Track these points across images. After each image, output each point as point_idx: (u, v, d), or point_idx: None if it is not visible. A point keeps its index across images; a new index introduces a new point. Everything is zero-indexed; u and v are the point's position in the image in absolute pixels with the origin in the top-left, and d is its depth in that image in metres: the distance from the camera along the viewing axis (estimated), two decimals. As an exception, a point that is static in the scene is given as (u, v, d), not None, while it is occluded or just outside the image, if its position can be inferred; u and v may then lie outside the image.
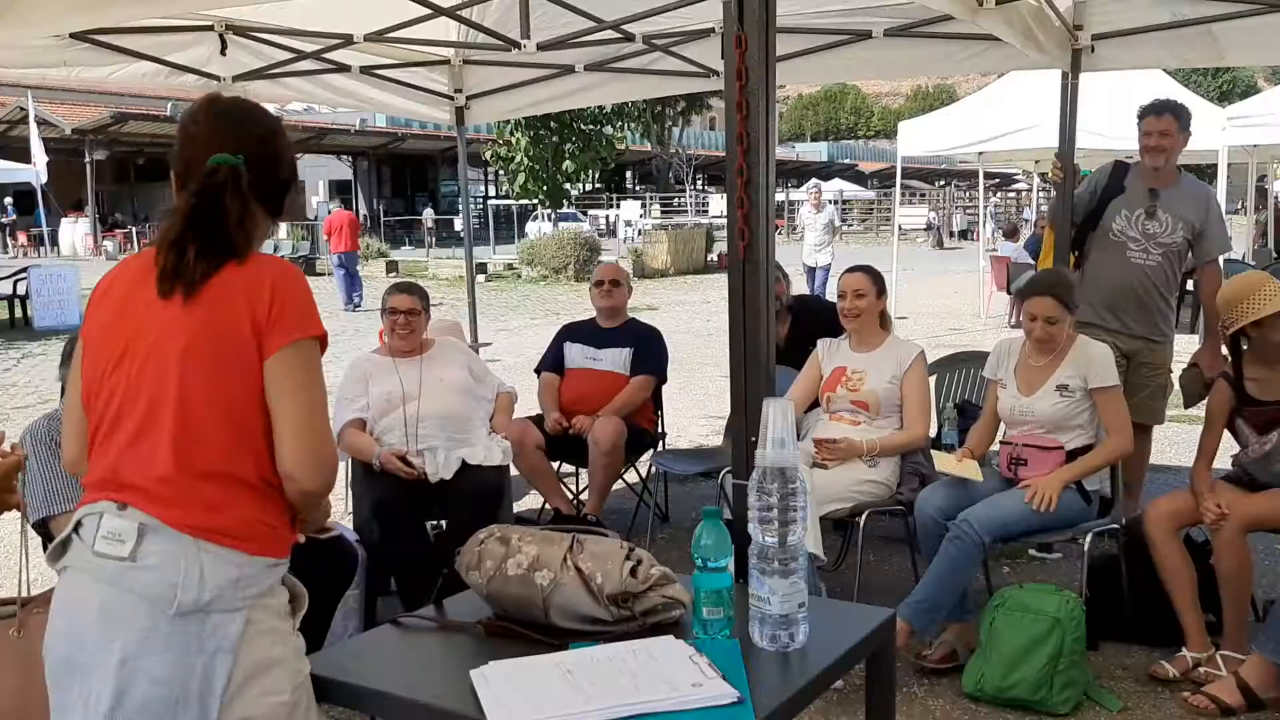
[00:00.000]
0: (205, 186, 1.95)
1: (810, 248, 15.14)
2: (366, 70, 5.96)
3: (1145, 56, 5.13)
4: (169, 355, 1.89)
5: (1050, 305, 3.98)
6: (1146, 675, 3.84)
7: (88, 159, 32.36)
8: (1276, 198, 18.63)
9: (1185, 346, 5.51)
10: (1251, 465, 3.88)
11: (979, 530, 3.75)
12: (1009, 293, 14.00)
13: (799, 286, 12.15)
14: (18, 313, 16.29)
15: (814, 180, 14.59)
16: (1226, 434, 4.00)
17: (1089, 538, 3.95)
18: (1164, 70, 12.07)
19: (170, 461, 1.87)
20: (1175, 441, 6.92)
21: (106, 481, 1.91)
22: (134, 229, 33.81)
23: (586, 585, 2.14)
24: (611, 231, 35.17)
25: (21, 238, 32.41)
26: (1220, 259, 5.12)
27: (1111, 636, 4.06)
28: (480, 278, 22.39)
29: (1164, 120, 4.84)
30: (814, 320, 5.24)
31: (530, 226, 33.06)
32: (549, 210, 30.15)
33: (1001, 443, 4.19)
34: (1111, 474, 4.10)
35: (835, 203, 46.18)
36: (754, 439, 2.16)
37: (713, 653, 2.00)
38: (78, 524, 1.92)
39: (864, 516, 4.18)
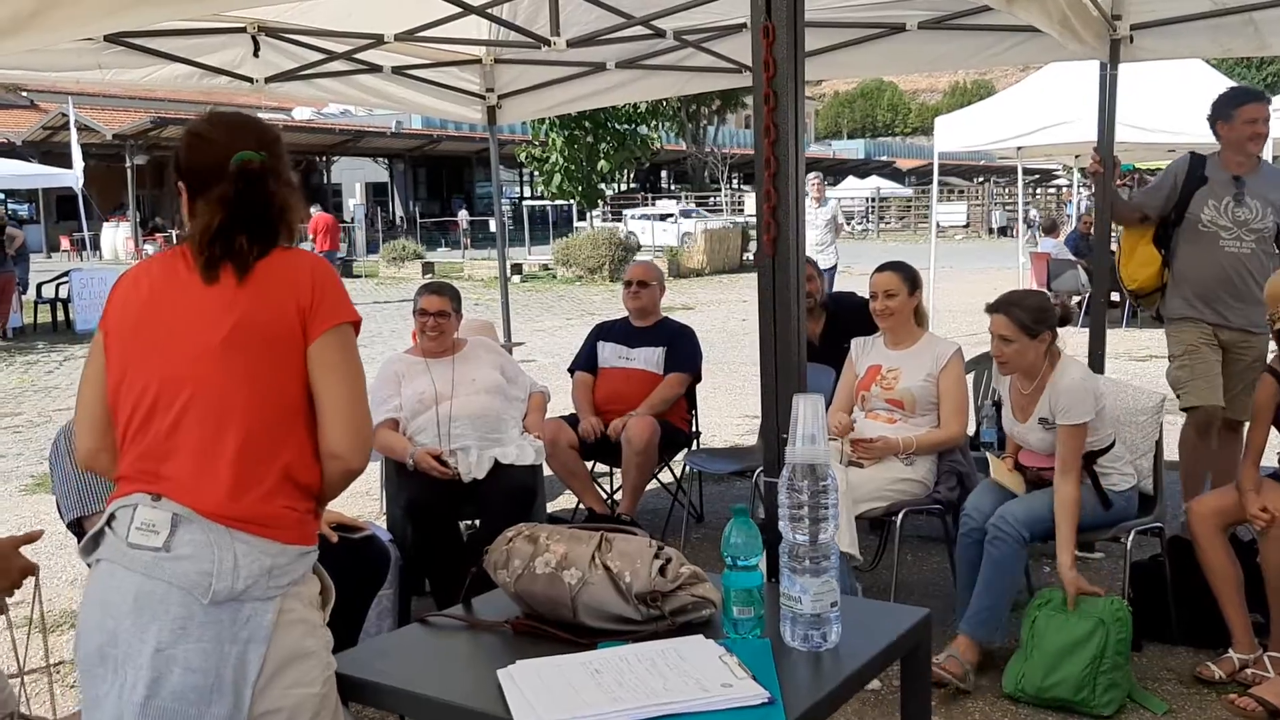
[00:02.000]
0: (243, 175, 1.98)
1: (810, 248, 12.79)
2: (398, 70, 5.97)
3: (1185, 46, 5.03)
4: (210, 344, 1.91)
5: (1001, 323, 3.82)
6: (1191, 677, 3.76)
7: (128, 164, 32.72)
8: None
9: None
10: None
11: (1015, 526, 3.68)
12: (1049, 289, 13.86)
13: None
14: (60, 316, 16.50)
15: (814, 173, 13.01)
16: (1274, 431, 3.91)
17: (1131, 536, 3.88)
18: (1207, 62, 11.93)
19: (204, 451, 1.89)
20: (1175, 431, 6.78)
21: (140, 473, 1.92)
22: (174, 232, 34.10)
23: (615, 584, 2.11)
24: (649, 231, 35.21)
25: (64, 242, 32.83)
26: None
27: (1155, 637, 3.98)
28: (515, 278, 22.45)
29: (1264, 107, 4.80)
30: (850, 317, 5.18)
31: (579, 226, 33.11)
32: (597, 211, 30.20)
33: (1019, 465, 4.06)
34: (1155, 471, 4.02)
35: (872, 200, 46.16)
36: (785, 435, 2.13)
37: (743, 652, 1.97)
38: (111, 517, 1.93)
39: (901, 516, 4.12)
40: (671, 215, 34.44)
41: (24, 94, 39.45)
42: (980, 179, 53.09)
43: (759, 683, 1.85)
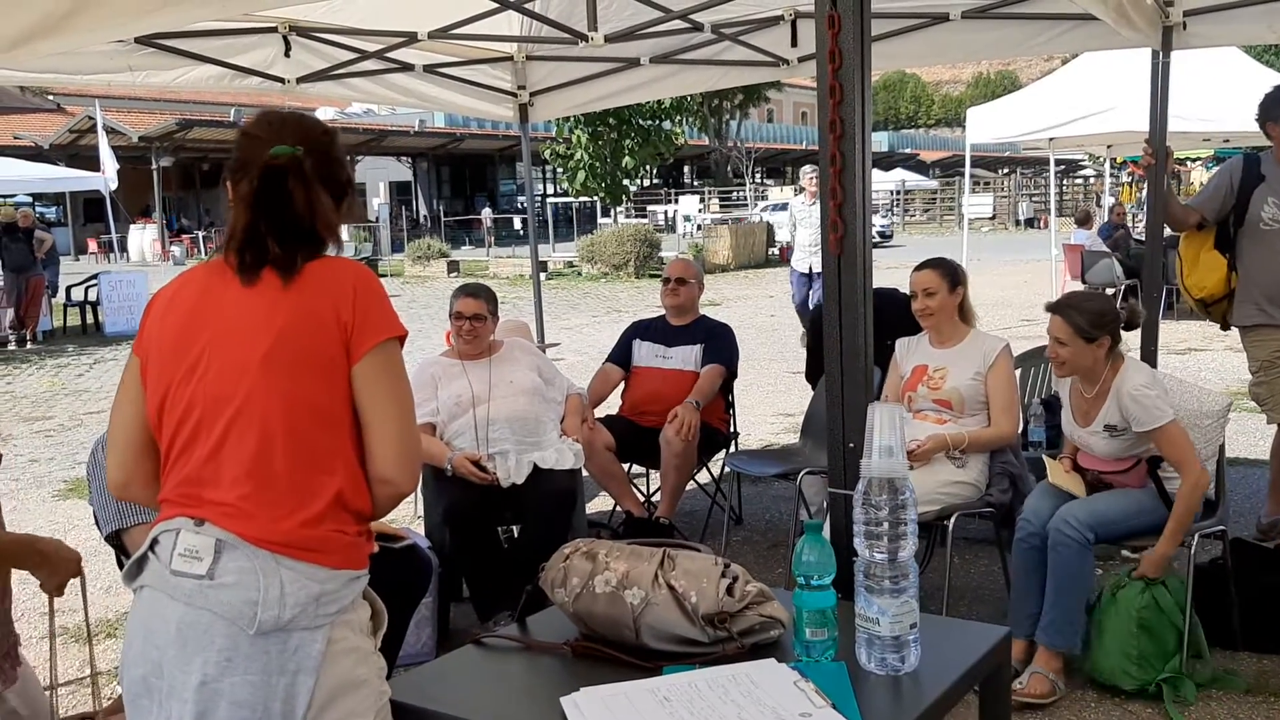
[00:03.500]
0: (267, 171, 1.89)
1: (805, 249, 11.19)
2: (430, 69, 5.88)
3: (1240, 32, 4.88)
4: (250, 361, 1.82)
5: (1057, 324, 3.73)
6: (1257, 683, 3.64)
7: (154, 166, 32.87)
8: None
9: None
10: None
11: (1079, 528, 3.57)
12: (1083, 282, 13.67)
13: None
14: (89, 319, 16.54)
15: (811, 165, 11.52)
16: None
17: (1195, 539, 3.75)
18: (1244, 52, 11.73)
19: (252, 473, 1.80)
20: (1239, 431, 6.66)
21: (184, 497, 1.84)
22: (200, 234, 34.31)
23: (680, 604, 2.01)
24: (671, 227, 35.01)
25: (91, 245, 33.00)
26: None
27: (1217, 642, 3.85)
28: (540, 275, 22.36)
29: None
30: (893, 315, 5.05)
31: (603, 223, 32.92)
32: (623, 207, 30.02)
33: (1077, 466, 3.95)
34: (1218, 475, 3.89)
35: (896, 193, 45.85)
36: (853, 445, 2.02)
37: (818, 677, 1.87)
38: (154, 541, 1.85)
39: (952, 519, 4.01)
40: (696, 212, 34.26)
41: (50, 97, 39.72)
42: (1006, 170, 52.69)
43: (839, 711, 1.75)
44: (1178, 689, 3.57)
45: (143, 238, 32.64)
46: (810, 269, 11.04)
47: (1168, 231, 5.08)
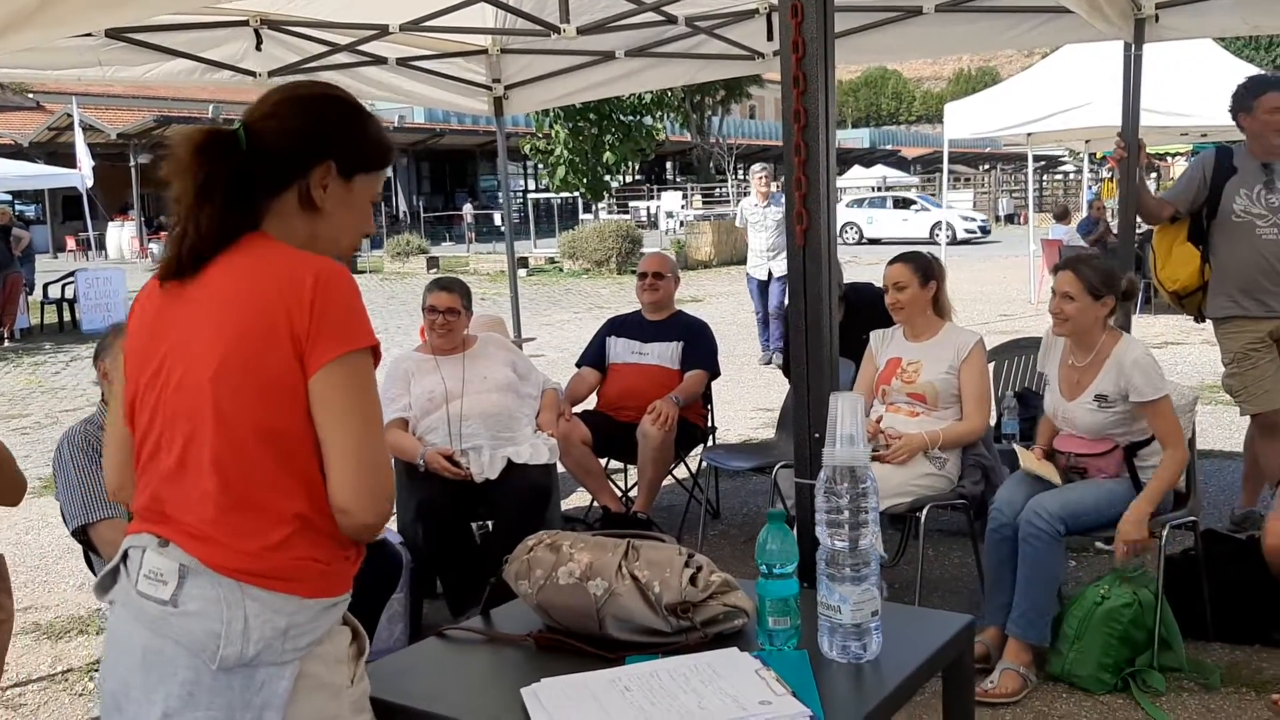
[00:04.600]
0: (209, 149, 1.74)
1: (761, 254, 10.46)
2: (403, 62, 5.86)
3: (1213, 24, 4.90)
4: (202, 377, 1.68)
5: (1067, 279, 3.79)
6: (1229, 674, 3.66)
7: (132, 163, 32.67)
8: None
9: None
10: None
11: (1050, 520, 3.58)
12: (1060, 277, 13.71)
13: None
14: (66, 316, 16.44)
15: (761, 164, 10.71)
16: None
17: (1165, 531, 3.77)
18: (1218, 45, 11.77)
19: (210, 495, 1.67)
20: (1214, 424, 6.68)
21: (149, 511, 1.74)
22: (178, 230, 34.04)
23: (643, 594, 2.01)
24: (653, 223, 34.99)
25: (69, 242, 32.79)
26: None
27: (1189, 633, 3.87)
28: (521, 272, 22.32)
29: None
30: (868, 309, 5.07)
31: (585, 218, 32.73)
32: (603, 203, 29.89)
33: (1055, 450, 3.98)
34: (1188, 467, 3.90)
35: (878, 189, 45.86)
36: (818, 435, 2.02)
37: (780, 666, 1.87)
38: (125, 554, 1.76)
39: (925, 511, 4.02)
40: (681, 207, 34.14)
41: (30, 95, 39.43)
42: (986, 166, 52.83)
43: (800, 699, 1.74)
44: (1146, 680, 3.59)
45: (121, 235, 32.46)
46: (769, 274, 10.41)
47: (1145, 226, 5.11)
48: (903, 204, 33.45)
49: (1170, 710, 3.45)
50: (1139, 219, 5.13)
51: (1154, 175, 21.40)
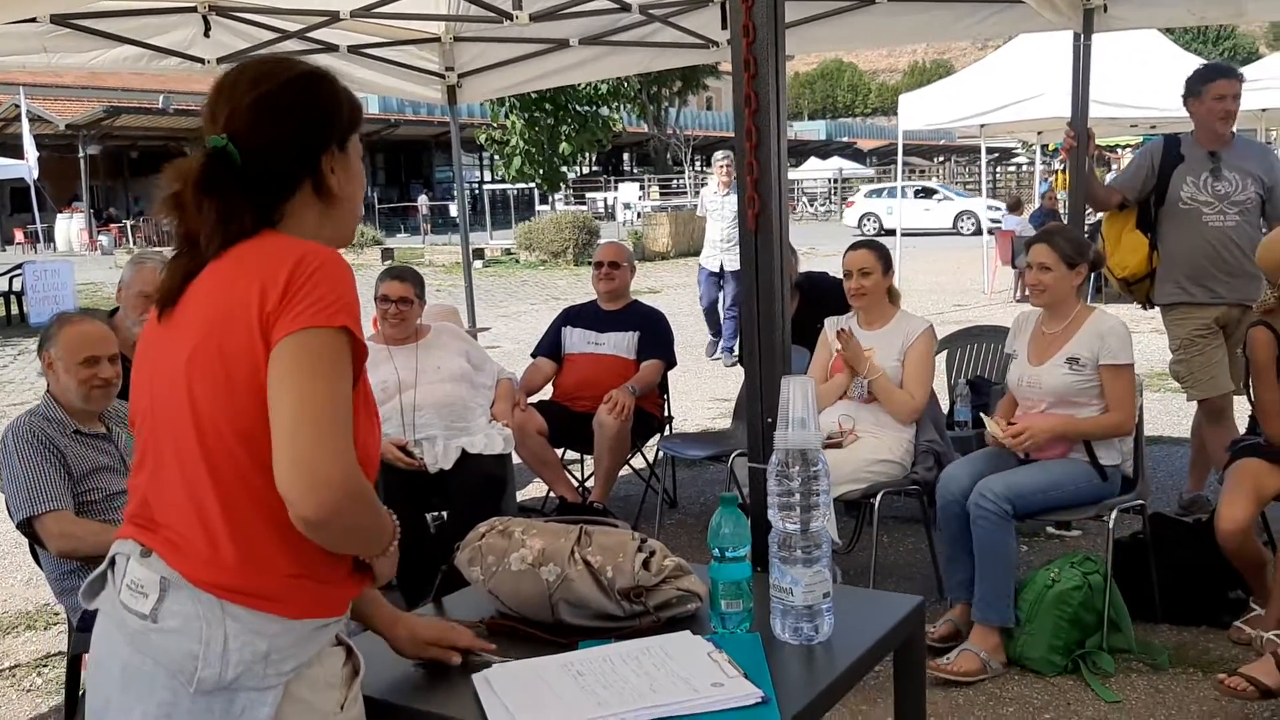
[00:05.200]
0: (196, 180, 1.63)
1: (716, 244, 10.03)
2: (355, 49, 5.81)
3: (1161, 15, 4.97)
4: (178, 365, 1.58)
5: (1042, 251, 3.89)
6: (1177, 655, 3.72)
7: (81, 154, 32.16)
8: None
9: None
10: None
11: (996, 500, 3.62)
12: (1014, 267, 13.86)
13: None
14: (13, 309, 16.16)
15: (723, 151, 10.02)
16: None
17: (1114, 514, 3.82)
18: (1167, 38, 11.94)
19: (186, 502, 1.57)
20: (1162, 410, 6.78)
21: (139, 516, 1.65)
22: (129, 223, 33.63)
23: (596, 579, 2.00)
24: (610, 215, 34.94)
25: (17, 234, 32.25)
26: None
27: (1138, 615, 3.92)
28: (478, 263, 22.20)
29: (1236, 83, 4.77)
30: (823, 298, 5.10)
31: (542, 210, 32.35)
32: (561, 195, 29.74)
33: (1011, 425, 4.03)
34: (1136, 451, 3.96)
35: (834, 181, 46.16)
36: (770, 420, 2.02)
37: (732, 648, 1.87)
38: (112, 560, 1.67)
39: (878, 498, 4.05)
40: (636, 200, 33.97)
41: (-27, 84, 38.68)
42: (941, 158, 53.28)
43: (751, 681, 1.75)
44: (1096, 662, 3.64)
45: (70, 227, 31.94)
46: (721, 267, 10.00)
47: (1095, 217, 5.17)
48: (924, 193, 31.74)
49: (1119, 691, 3.50)
50: (1089, 207, 5.18)
51: (1105, 168, 21.65)
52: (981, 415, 4.18)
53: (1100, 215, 5.31)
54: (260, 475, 1.53)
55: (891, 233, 28.25)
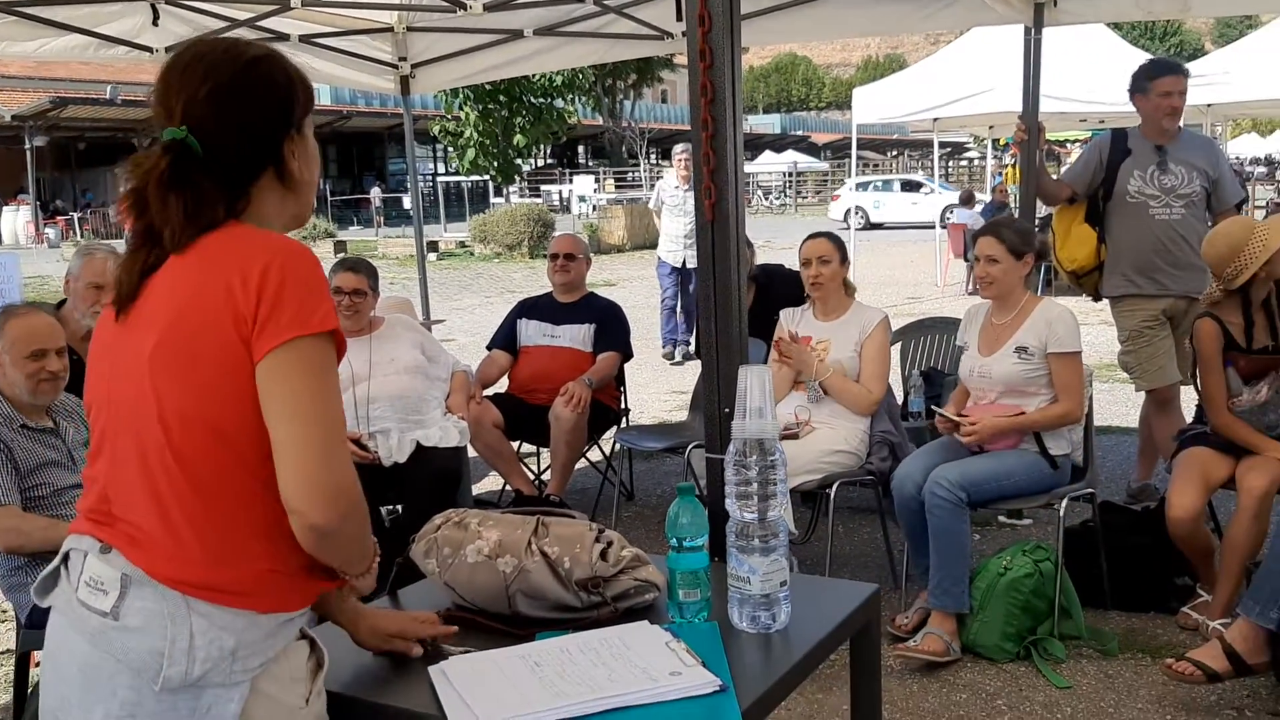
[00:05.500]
0: (159, 174, 1.60)
1: (674, 239, 9.77)
2: (306, 39, 5.74)
3: (1109, 9, 5.03)
4: (140, 359, 1.55)
5: (989, 243, 3.93)
6: (1126, 641, 3.77)
7: (28, 145, 31.60)
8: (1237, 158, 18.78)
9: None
10: (1243, 415, 3.81)
11: (950, 488, 3.66)
12: (966, 260, 13.98)
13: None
14: (-44, 303, 15.86)
15: (683, 144, 9.68)
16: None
17: (1064, 503, 3.87)
18: (1115, 33, 12.10)
19: (150, 497, 1.55)
20: (1111, 401, 6.89)
21: (96, 511, 1.61)
22: (76, 215, 33.10)
23: (554, 571, 1.99)
24: (565, 207, 34.87)
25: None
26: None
27: (1088, 602, 3.98)
28: (431, 256, 22.07)
29: (1182, 79, 4.84)
30: (780, 290, 5.12)
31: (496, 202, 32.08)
32: (515, 187, 29.57)
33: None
34: (1085, 441, 4.01)
35: (789, 174, 46.36)
36: (728, 410, 2.03)
37: (690, 638, 1.87)
38: (66, 556, 1.64)
39: (834, 488, 4.07)
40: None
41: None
42: (894, 152, 53.69)
43: (709, 669, 1.75)
44: (1047, 648, 3.68)
45: (15, 219, 31.39)
46: (684, 263, 9.69)
47: (1045, 210, 5.22)
48: (911, 187, 31.12)
49: (1070, 677, 3.55)
50: (1040, 201, 5.24)
51: (1055, 162, 21.93)
52: (933, 408, 4.21)
53: (1051, 209, 5.37)
54: (240, 470, 1.53)
55: (878, 226, 28.29)
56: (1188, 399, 4.50)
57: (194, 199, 1.58)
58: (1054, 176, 5.27)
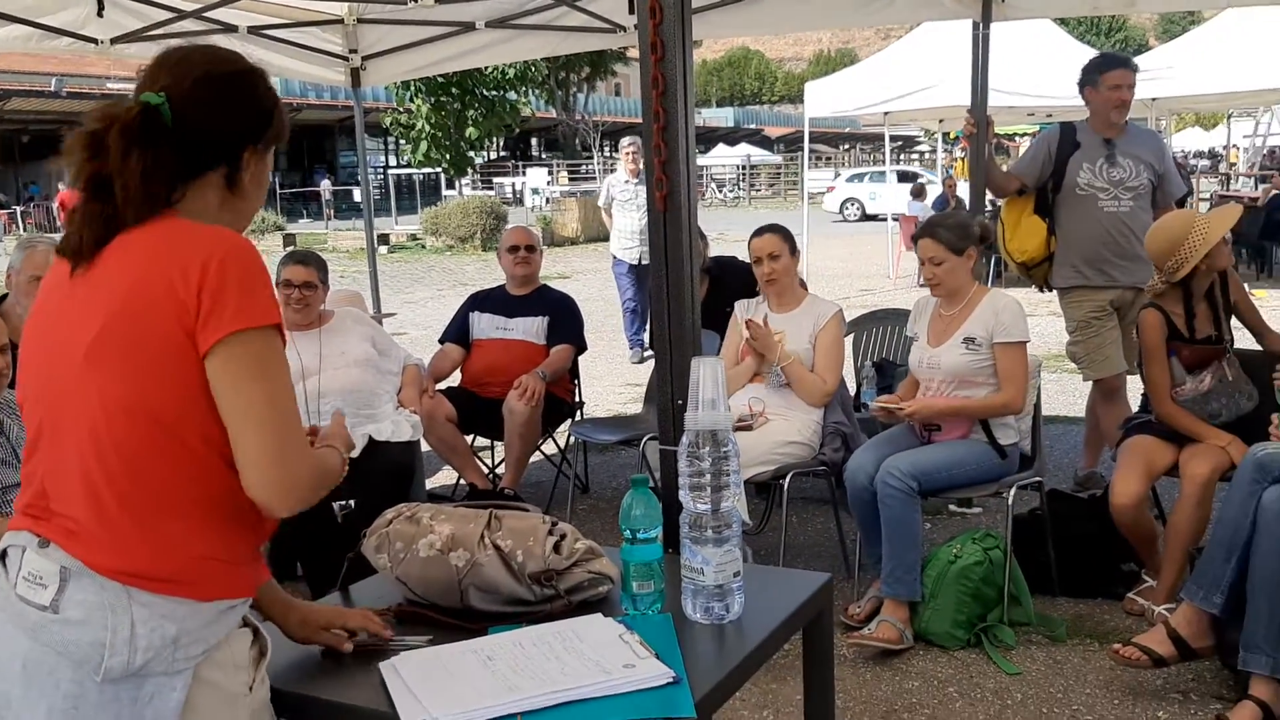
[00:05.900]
0: (124, 128, 1.60)
1: (629, 235, 9.30)
2: (255, 30, 5.67)
3: (1057, 4, 5.10)
4: (76, 351, 1.56)
5: (929, 245, 3.94)
6: (1074, 627, 3.83)
7: (-33, 137, 31.01)
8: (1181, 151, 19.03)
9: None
10: (1186, 404, 3.87)
11: (902, 477, 3.69)
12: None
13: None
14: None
15: (630, 137, 9.50)
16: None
17: (1012, 492, 3.92)
18: (1061, 29, 12.25)
19: (88, 490, 1.55)
20: (1059, 390, 6.99)
21: (33, 506, 1.62)
22: (19, 209, 32.49)
23: (507, 564, 1.99)
24: (519, 200, 34.74)
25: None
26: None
27: (1036, 589, 4.03)
28: (382, 249, 21.90)
29: (1130, 73, 4.89)
30: (734, 281, 5.13)
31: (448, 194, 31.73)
32: (467, 179, 29.38)
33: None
34: (1034, 430, 4.06)
35: (742, 168, 46.50)
36: (681, 402, 2.03)
37: (644, 630, 1.88)
38: (4, 553, 1.63)
39: (788, 479, 4.09)
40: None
41: None
42: (847, 146, 54.02)
43: (663, 661, 1.75)
44: (997, 635, 3.73)
45: (-45, 212, 30.78)
46: (640, 259, 9.21)
47: (995, 203, 5.27)
48: (908, 178, 30.80)
49: (1019, 663, 3.60)
50: (989, 194, 5.29)
51: (1005, 156, 22.14)
52: (875, 400, 4.25)
53: (1000, 201, 5.42)
54: (181, 460, 1.56)
55: (874, 218, 27.83)
56: (1134, 388, 4.57)
57: (152, 161, 1.59)
58: (1003, 169, 5.32)
